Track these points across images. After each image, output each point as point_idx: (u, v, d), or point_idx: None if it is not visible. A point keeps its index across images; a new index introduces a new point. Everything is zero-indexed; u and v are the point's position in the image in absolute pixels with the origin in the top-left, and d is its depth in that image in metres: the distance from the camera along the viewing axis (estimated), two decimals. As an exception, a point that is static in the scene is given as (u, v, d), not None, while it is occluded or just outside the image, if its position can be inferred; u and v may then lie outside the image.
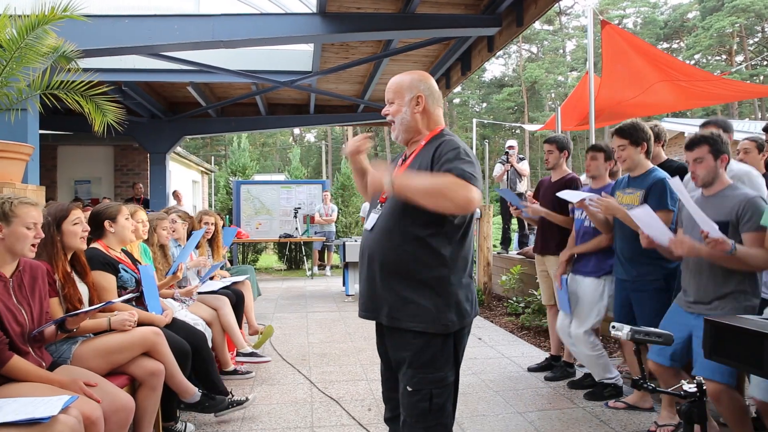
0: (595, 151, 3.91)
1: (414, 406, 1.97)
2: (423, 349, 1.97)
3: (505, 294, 7.61)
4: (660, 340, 1.70)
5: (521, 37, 43.09)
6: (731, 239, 2.56)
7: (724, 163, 2.82)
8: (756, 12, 35.04)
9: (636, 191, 3.36)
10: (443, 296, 1.96)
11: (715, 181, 2.83)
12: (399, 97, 2.10)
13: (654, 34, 39.05)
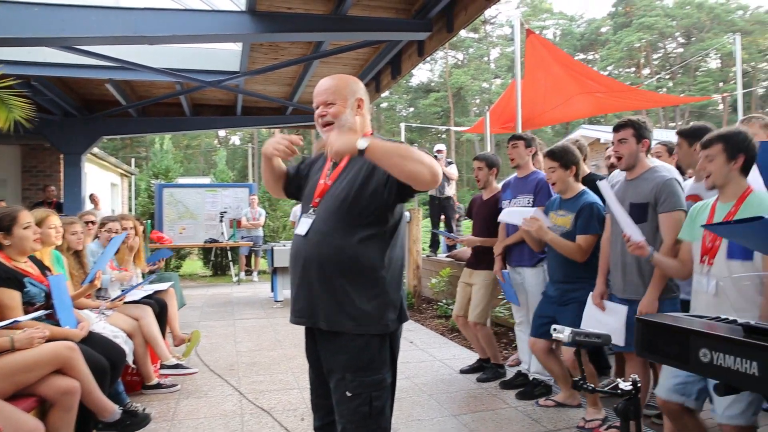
0: (515, 140, 4.04)
1: (354, 412, 1.95)
2: (362, 351, 1.97)
3: (435, 297, 7.70)
4: (599, 341, 1.74)
5: (448, 44, 44.03)
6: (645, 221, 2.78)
7: (645, 148, 2.99)
8: (659, 30, 37.63)
9: (568, 214, 3.47)
10: (382, 297, 1.99)
11: (636, 165, 2.98)
12: (341, 99, 2.09)
13: (571, 45, 41.05)
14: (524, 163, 4.04)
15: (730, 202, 2.38)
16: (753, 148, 2.35)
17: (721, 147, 2.36)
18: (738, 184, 2.37)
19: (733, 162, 2.34)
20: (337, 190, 2.06)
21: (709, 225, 2.14)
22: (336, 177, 2.12)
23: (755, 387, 1.41)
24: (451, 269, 7.16)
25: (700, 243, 2.46)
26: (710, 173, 2.39)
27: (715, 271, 2.36)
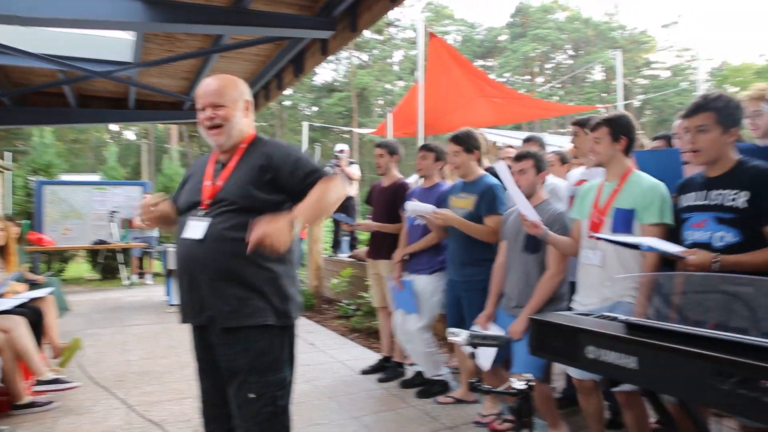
0: (426, 151, 4.08)
1: (259, 413, 1.95)
2: (265, 350, 1.98)
3: (336, 297, 7.65)
4: (495, 343, 1.78)
5: (352, 45, 44.14)
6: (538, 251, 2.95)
7: (542, 180, 3.12)
8: (552, 42, 40.04)
9: (469, 196, 3.55)
10: (283, 291, 2.03)
11: (533, 195, 3.08)
12: (231, 101, 2.10)
13: (471, 51, 42.55)
14: (430, 174, 4.08)
15: (615, 181, 2.61)
16: (633, 131, 2.64)
17: (607, 130, 2.61)
18: (621, 164, 2.63)
19: (617, 143, 2.60)
20: (231, 190, 2.04)
21: (596, 235, 2.37)
22: (226, 178, 2.09)
23: (634, 380, 1.49)
24: (353, 269, 7.15)
25: (588, 220, 2.65)
26: (597, 153, 2.64)
27: (602, 244, 2.54)
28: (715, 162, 2.23)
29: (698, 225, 2.24)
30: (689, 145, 2.24)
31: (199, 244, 1.99)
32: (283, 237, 1.82)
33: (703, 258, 2.05)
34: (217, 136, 2.10)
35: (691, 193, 2.32)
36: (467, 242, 3.48)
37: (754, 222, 2.10)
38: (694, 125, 2.22)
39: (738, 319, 1.48)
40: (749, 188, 2.11)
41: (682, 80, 38.40)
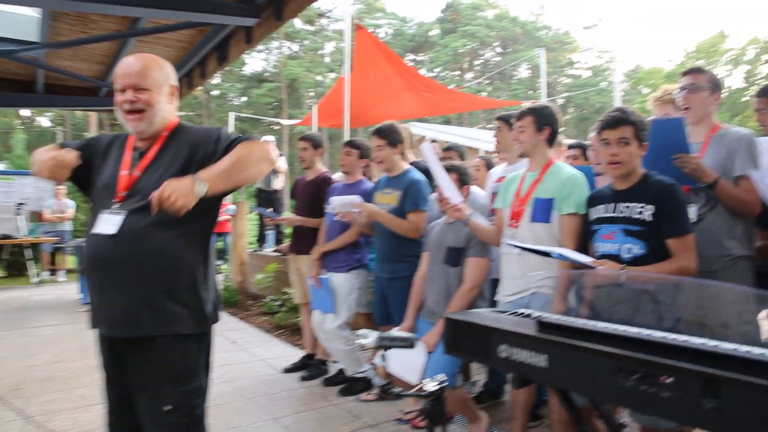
0: (350, 147, 4.00)
1: (176, 425, 1.80)
2: (182, 358, 1.84)
3: (261, 293, 7.47)
4: (404, 344, 1.73)
5: (283, 34, 43.29)
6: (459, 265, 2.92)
7: (465, 193, 3.06)
8: (481, 38, 40.90)
9: (394, 191, 3.50)
10: (202, 294, 1.88)
11: None
12: (155, 85, 1.90)
13: (403, 45, 42.78)
14: (353, 171, 4.01)
15: (537, 171, 2.67)
16: (557, 122, 2.69)
17: (532, 119, 2.66)
18: (543, 154, 2.68)
19: (540, 133, 2.65)
20: (149, 183, 1.84)
21: (512, 244, 2.37)
22: (145, 168, 1.90)
23: (544, 378, 1.48)
24: (278, 264, 7.00)
25: (509, 210, 2.69)
26: (522, 142, 2.67)
27: (521, 233, 2.59)
28: (628, 175, 2.29)
29: (607, 237, 2.31)
30: (611, 156, 2.28)
31: (112, 240, 1.79)
32: (186, 196, 1.65)
33: (611, 269, 2.11)
34: (137, 122, 1.89)
35: (601, 205, 2.39)
36: (392, 238, 3.44)
37: (658, 235, 2.19)
38: (616, 137, 2.26)
39: (645, 316, 1.50)
40: (654, 202, 2.20)
41: (601, 80, 40.28)
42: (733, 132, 2.58)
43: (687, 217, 2.22)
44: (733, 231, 2.54)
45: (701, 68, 2.70)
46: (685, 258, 2.16)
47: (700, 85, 2.63)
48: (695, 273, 2.17)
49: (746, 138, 2.53)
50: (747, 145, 2.51)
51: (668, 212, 2.17)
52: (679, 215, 2.19)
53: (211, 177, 1.72)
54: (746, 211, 2.52)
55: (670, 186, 2.21)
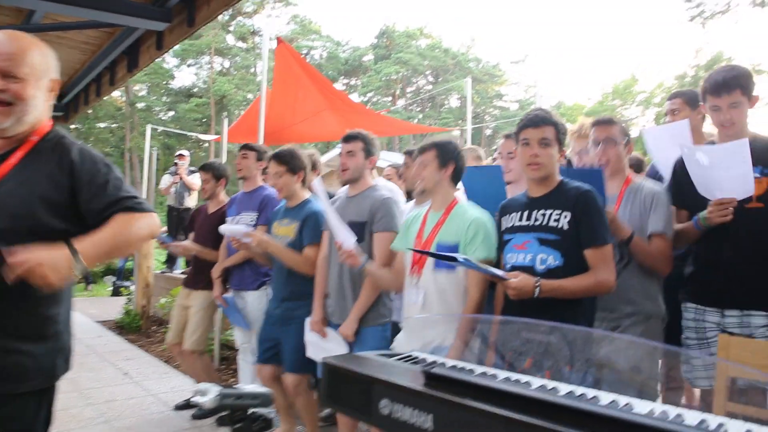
0: (246, 150, 3.75)
1: None
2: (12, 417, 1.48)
3: (166, 318, 6.93)
4: (257, 402, 1.45)
5: (214, 50, 42.40)
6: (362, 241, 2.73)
7: (372, 165, 2.93)
8: (413, 66, 41.68)
9: (292, 222, 3.23)
10: (54, 340, 1.54)
11: (359, 180, 2.89)
12: (33, 76, 1.52)
13: (336, 69, 42.91)
14: (252, 176, 3.73)
15: (440, 212, 2.44)
16: (462, 159, 2.48)
17: (434, 153, 2.43)
18: (447, 193, 2.46)
19: (444, 169, 2.43)
20: (5, 200, 1.48)
21: (415, 249, 2.16)
22: (2, 178, 1.51)
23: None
24: (185, 288, 6.51)
25: (411, 254, 2.45)
26: (423, 178, 2.44)
27: (423, 282, 2.35)
28: (546, 179, 2.14)
29: (520, 247, 2.12)
30: (531, 157, 2.11)
31: None
32: (60, 275, 1.34)
33: (524, 282, 1.92)
34: (1, 115, 1.51)
35: (514, 213, 2.21)
36: (289, 273, 3.17)
37: (575, 245, 2.02)
38: (537, 137, 2.10)
39: (544, 369, 1.30)
40: (571, 209, 2.04)
41: (527, 114, 41.82)
42: (647, 187, 2.51)
43: (606, 225, 2.07)
44: (647, 290, 2.44)
45: (612, 119, 2.62)
46: (603, 271, 2.00)
47: (615, 138, 2.54)
48: (613, 288, 2.02)
49: (660, 194, 2.46)
50: (661, 201, 2.43)
51: (586, 220, 2.02)
52: (597, 223, 2.04)
53: (91, 256, 1.43)
54: (658, 269, 2.43)
55: (587, 192, 2.06)
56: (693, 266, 2.47)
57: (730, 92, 2.24)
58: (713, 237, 2.30)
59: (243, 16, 42.64)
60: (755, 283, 2.24)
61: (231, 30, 44.12)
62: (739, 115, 2.28)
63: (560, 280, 1.97)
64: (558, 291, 1.94)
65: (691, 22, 29.91)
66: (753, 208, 2.24)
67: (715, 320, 2.34)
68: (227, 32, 44.10)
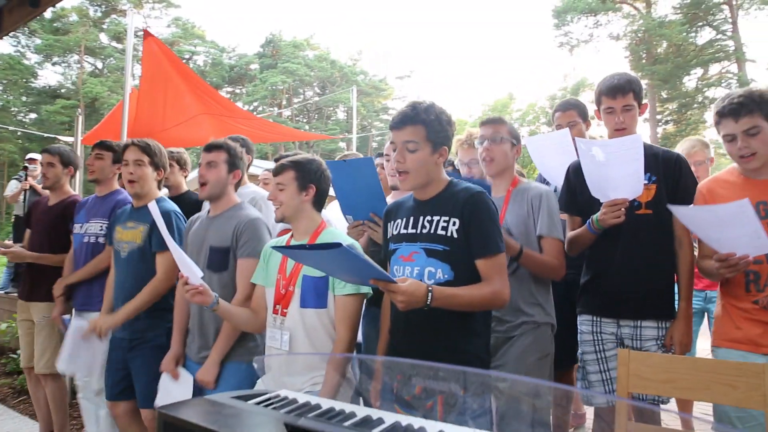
0: (102, 149, 3.28)
1: None
2: None
3: (9, 345, 6.02)
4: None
5: (84, 48, 39.27)
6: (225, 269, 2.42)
7: (235, 179, 2.57)
8: (300, 77, 41.29)
9: (139, 225, 2.80)
10: None
11: (221, 197, 2.52)
12: None
13: (221, 76, 41.42)
14: (106, 179, 3.27)
15: (304, 240, 2.14)
16: (325, 181, 2.20)
17: (293, 175, 2.14)
18: (310, 218, 2.17)
19: (304, 192, 2.14)
20: None
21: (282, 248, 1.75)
22: None
23: None
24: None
25: (273, 290, 2.12)
26: (280, 203, 2.14)
27: (290, 323, 2.04)
28: (425, 185, 1.91)
29: (407, 258, 1.88)
30: (396, 164, 1.87)
31: None
32: None
33: (415, 287, 1.62)
34: None
35: (400, 219, 1.95)
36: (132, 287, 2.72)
37: (465, 255, 1.80)
38: (401, 140, 1.86)
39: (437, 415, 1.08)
40: (459, 215, 1.81)
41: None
42: (534, 187, 2.41)
43: (498, 231, 1.84)
44: (534, 296, 2.33)
45: (501, 118, 2.52)
46: (497, 282, 1.78)
47: (502, 135, 2.43)
48: (507, 301, 1.82)
49: (547, 194, 2.37)
50: (548, 202, 2.34)
51: (476, 226, 1.79)
52: (488, 230, 1.80)
53: None
54: (552, 275, 2.35)
55: (477, 194, 1.82)
56: (586, 275, 2.43)
57: (624, 95, 2.27)
58: (605, 244, 2.28)
59: (118, 14, 39.91)
60: (645, 291, 2.23)
61: (104, 28, 41.20)
62: (631, 119, 2.30)
63: (454, 288, 1.73)
64: (452, 300, 1.70)
65: (560, 48, 32.42)
66: (642, 215, 2.24)
67: (611, 331, 2.31)
68: (100, 30, 41.13)
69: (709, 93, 27.43)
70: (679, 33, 26.00)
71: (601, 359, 2.32)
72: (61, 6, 40.11)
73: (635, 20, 29.11)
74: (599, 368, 2.33)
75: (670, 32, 26.02)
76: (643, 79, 28.79)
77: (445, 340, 1.79)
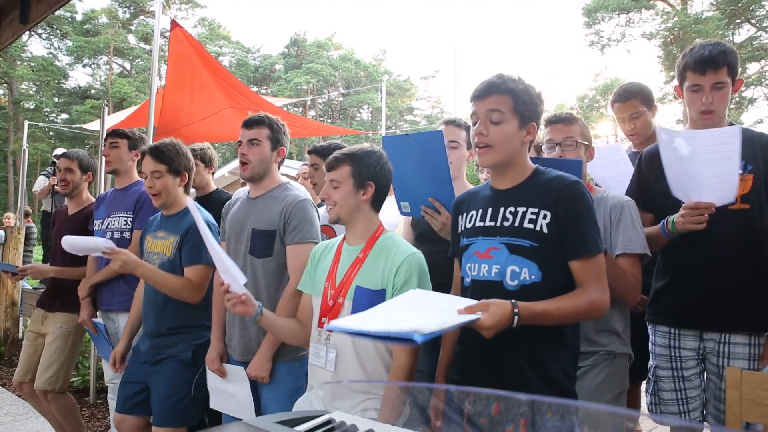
0: (116, 137, 3.10)
1: None
2: None
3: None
4: None
5: (113, 49, 39.89)
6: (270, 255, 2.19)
7: (280, 157, 2.36)
8: (325, 77, 41.31)
9: (170, 236, 2.58)
10: None
11: (265, 177, 2.30)
12: None
13: (246, 76, 41.65)
14: (125, 169, 3.08)
15: (359, 245, 1.87)
16: (386, 176, 1.91)
17: (349, 171, 1.85)
18: (368, 221, 1.89)
19: (361, 191, 1.86)
20: None
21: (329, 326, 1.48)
22: None
23: None
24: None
25: (320, 300, 1.87)
26: (334, 202, 1.86)
27: (336, 340, 1.78)
28: (507, 167, 1.64)
29: (483, 255, 1.60)
30: (479, 136, 1.60)
31: None
32: None
33: (499, 314, 1.34)
34: None
35: (474, 211, 1.69)
36: (163, 301, 2.52)
37: (557, 254, 1.54)
38: (485, 109, 1.59)
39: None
40: (553, 207, 1.54)
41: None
42: (612, 197, 2.03)
43: (597, 229, 1.56)
44: (609, 323, 1.96)
45: (572, 116, 2.13)
46: (596, 288, 1.51)
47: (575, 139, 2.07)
48: (607, 310, 1.53)
49: (628, 206, 1.98)
50: (630, 215, 1.96)
51: (573, 221, 1.52)
52: (586, 226, 1.54)
53: None
54: (629, 296, 1.95)
55: (574, 184, 1.56)
56: (662, 279, 2.07)
57: (717, 70, 1.89)
58: (687, 243, 1.93)
59: (146, 15, 40.42)
60: (738, 299, 1.88)
61: (133, 29, 41.80)
62: (721, 99, 1.93)
63: (543, 303, 1.46)
64: (541, 318, 1.45)
65: (591, 48, 31.79)
66: (737, 210, 1.89)
67: (692, 346, 1.97)
68: (128, 32, 41.75)
69: (747, 93, 26.57)
70: (717, 30, 25.19)
71: (677, 377, 2.00)
72: (92, 8, 40.96)
73: (669, 17, 28.37)
74: (675, 386, 2.01)
75: (706, 29, 25.21)
76: (677, 78, 28.08)
77: (526, 352, 1.53)
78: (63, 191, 3.32)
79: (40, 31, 38.37)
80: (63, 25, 38.68)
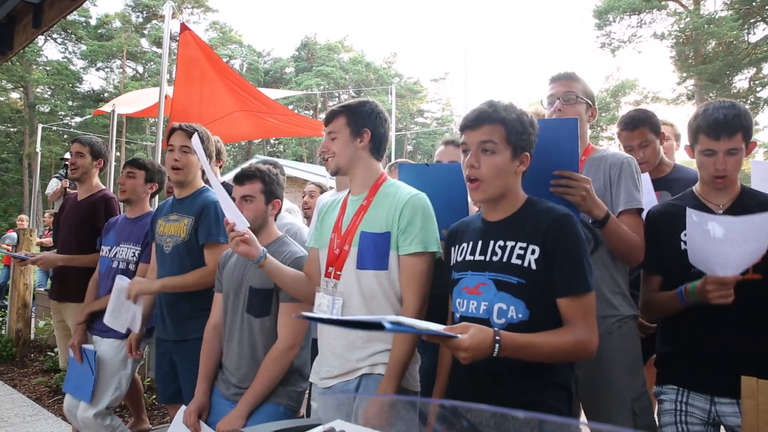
0: (133, 167, 3.08)
1: None
2: None
3: (49, 343, 5.99)
4: None
5: (126, 53, 40.24)
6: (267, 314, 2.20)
7: (275, 210, 2.33)
8: (335, 80, 41.40)
9: (183, 218, 2.61)
10: None
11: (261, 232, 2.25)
12: None
13: (256, 80, 41.85)
14: (138, 199, 3.10)
15: (362, 194, 1.90)
16: (382, 123, 1.93)
17: (344, 120, 1.89)
18: (368, 168, 1.91)
19: (358, 139, 1.88)
20: None
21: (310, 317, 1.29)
22: None
23: None
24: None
25: (326, 251, 1.89)
26: (332, 153, 1.90)
27: (343, 287, 1.79)
28: (498, 199, 1.60)
29: (472, 291, 1.57)
30: (469, 169, 1.57)
31: None
32: None
33: (479, 339, 1.30)
34: None
35: (465, 243, 1.66)
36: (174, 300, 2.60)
37: (545, 291, 1.50)
38: (476, 140, 1.56)
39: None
40: (541, 241, 1.50)
41: (447, 131, 42.54)
42: (612, 155, 2.02)
43: (588, 265, 1.51)
44: (616, 284, 1.98)
45: (575, 74, 2.10)
46: (583, 328, 1.46)
47: (576, 94, 2.04)
48: (594, 353, 1.47)
49: (628, 163, 1.98)
50: (630, 172, 1.96)
51: (562, 257, 1.48)
52: (576, 263, 1.49)
53: None
54: (631, 257, 1.94)
55: (564, 217, 1.51)
56: (667, 345, 1.95)
57: (732, 136, 1.78)
58: (695, 313, 1.81)
59: (158, 20, 40.73)
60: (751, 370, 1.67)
61: (145, 33, 42.15)
62: (735, 164, 1.82)
63: (528, 336, 1.42)
64: (524, 350, 1.40)
65: (602, 49, 31.54)
66: (749, 280, 1.75)
67: (702, 406, 1.83)
68: (141, 36, 42.11)
69: (762, 93, 26.20)
70: (730, 30, 24.85)
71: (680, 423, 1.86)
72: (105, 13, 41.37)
73: (681, 18, 28.07)
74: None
75: (720, 30, 24.89)
76: (690, 79, 27.72)
77: (516, 392, 1.49)
78: (72, 175, 3.35)
79: (56, 36, 38.80)
80: (78, 29, 39.12)
